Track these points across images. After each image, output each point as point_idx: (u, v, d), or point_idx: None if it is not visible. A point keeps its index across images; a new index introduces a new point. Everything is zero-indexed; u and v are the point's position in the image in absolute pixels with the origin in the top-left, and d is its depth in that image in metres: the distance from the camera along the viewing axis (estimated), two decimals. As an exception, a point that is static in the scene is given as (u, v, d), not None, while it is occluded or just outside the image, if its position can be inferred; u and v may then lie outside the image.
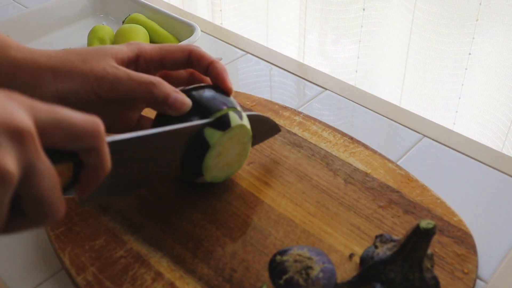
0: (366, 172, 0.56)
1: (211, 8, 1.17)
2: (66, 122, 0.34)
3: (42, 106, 0.33)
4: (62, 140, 0.34)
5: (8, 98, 0.32)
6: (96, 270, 0.47)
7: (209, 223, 0.51)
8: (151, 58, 0.52)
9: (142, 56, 0.51)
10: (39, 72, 0.47)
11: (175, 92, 0.48)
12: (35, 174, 0.32)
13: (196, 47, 0.53)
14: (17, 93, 0.33)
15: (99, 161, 0.37)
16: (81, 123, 0.35)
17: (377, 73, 1.02)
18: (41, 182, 0.32)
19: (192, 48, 0.52)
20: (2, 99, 0.32)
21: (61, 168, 0.36)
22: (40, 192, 0.32)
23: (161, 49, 0.52)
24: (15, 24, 0.83)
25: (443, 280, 0.46)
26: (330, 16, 0.96)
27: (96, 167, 0.37)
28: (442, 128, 0.65)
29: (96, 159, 0.37)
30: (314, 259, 0.46)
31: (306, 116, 0.65)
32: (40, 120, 0.33)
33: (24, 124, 0.31)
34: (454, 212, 0.52)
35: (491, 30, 0.82)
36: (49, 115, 0.33)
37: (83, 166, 0.37)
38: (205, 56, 0.52)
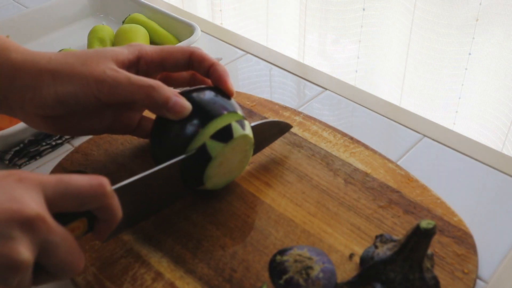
0: (366, 172, 0.56)
1: (211, 8, 1.17)
2: (73, 191, 0.37)
3: (50, 180, 0.36)
4: (73, 206, 0.38)
5: (16, 182, 0.35)
6: (96, 270, 0.47)
7: (209, 223, 0.51)
8: (152, 60, 0.51)
9: (143, 58, 0.51)
10: (39, 74, 0.47)
11: (175, 96, 0.48)
12: (51, 247, 0.35)
13: (197, 49, 0.52)
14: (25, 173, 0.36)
15: (109, 215, 0.40)
16: (87, 188, 0.37)
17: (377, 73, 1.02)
18: (57, 252, 0.36)
19: (192, 49, 0.52)
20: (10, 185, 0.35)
21: (76, 225, 0.40)
22: (58, 259, 0.36)
23: (162, 50, 0.52)
24: (15, 24, 0.83)
25: (443, 280, 0.46)
26: (330, 16, 0.96)
27: (107, 220, 0.41)
28: (442, 128, 0.65)
29: (106, 214, 0.40)
30: (314, 259, 0.46)
31: (306, 116, 0.65)
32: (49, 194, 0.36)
33: (33, 213, 0.34)
34: (454, 212, 0.52)
35: (491, 30, 0.82)
36: (57, 188, 0.36)
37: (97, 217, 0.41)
38: (206, 58, 0.52)
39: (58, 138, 0.64)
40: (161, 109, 0.48)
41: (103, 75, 0.47)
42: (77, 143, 0.64)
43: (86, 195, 0.38)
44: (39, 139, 0.63)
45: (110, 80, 0.47)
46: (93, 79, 0.47)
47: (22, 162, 0.62)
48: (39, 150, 0.63)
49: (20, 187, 0.35)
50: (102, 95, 0.47)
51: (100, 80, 0.47)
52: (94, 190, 0.38)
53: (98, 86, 0.47)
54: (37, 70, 0.47)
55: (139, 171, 0.47)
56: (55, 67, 0.47)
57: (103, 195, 0.39)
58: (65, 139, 0.65)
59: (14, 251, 0.33)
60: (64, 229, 0.37)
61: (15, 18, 0.83)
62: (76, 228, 0.40)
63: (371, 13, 0.94)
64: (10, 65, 0.47)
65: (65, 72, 0.47)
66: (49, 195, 0.36)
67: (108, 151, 0.60)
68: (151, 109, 0.49)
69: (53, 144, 0.64)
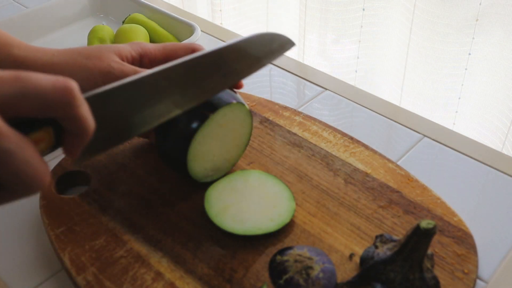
0: (366, 172, 0.56)
1: (211, 8, 1.17)
2: (33, 91, 0.31)
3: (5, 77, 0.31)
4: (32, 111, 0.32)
5: None
6: (96, 270, 0.47)
7: (209, 223, 0.51)
8: (155, 57, 0.52)
9: (146, 56, 0.51)
10: (42, 70, 0.47)
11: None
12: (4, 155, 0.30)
13: (199, 46, 0.53)
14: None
15: (78, 128, 0.34)
16: (50, 90, 0.31)
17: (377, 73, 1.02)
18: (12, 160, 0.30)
19: (194, 46, 0.52)
20: None
21: (39, 135, 0.33)
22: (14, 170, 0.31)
23: (164, 48, 0.52)
24: (15, 24, 0.83)
25: (443, 280, 0.46)
26: (330, 16, 0.96)
27: (77, 133, 0.34)
28: (442, 128, 0.65)
29: (75, 125, 0.33)
30: (314, 259, 0.46)
31: (306, 116, 0.65)
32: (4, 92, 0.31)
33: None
34: (454, 212, 0.52)
35: (491, 30, 0.82)
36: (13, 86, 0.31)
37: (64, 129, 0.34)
38: None
39: (58, 138, 0.64)
40: None
41: (109, 68, 0.47)
42: (77, 143, 0.64)
43: (48, 97, 0.31)
44: (39, 139, 0.63)
45: (116, 72, 0.47)
46: (98, 72, 0.47)
47: (22, 162, 0.61)
48: (39, 150, 0.62)
49: None
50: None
51: (106, 72, 0.47)
52: (58, 92, 0.32)
53: (103, 78, 0.47)
54: (40, 66, 0.47)
55: (139, 171, 0.47)
56: (58, 62, 0.47)
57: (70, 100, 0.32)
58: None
59: None
60: (21, 136, 0.31)
61: (15, 18, 0.83)
62: (40, 140, 0.33)
63: (371, 13, 0.94)
64: (12, 60, 0.47)
65: (68, 66, 0.47)
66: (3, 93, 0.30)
67: (108, 151, 0.60)
68: None
69: (53, 144, 0.63)
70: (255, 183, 0.53)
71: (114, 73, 0.47)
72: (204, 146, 0.51)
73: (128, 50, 0.50)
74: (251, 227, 0.49)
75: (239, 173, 0.54)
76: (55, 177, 0.56)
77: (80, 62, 0.47)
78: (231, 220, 0.50)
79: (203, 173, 0.53)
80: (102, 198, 0.54)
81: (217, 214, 0.50)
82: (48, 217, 0.52)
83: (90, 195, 0.54)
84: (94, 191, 0.55)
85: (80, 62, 0.47)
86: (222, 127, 0.52)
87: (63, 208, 0.53)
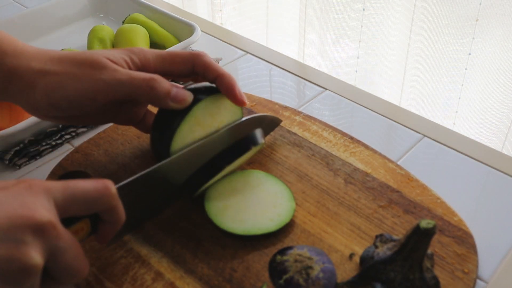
0: (366, 172, 0.56)
1: (211, 8, 1.17)
2: (80, 195, 0.38)
3: (57, 186, 0.37)
4: (81, 210, 0.39)
5: (26, 189, 0.36)
6: (96, 270, 0.47)
7: (209, 223, 0.51)
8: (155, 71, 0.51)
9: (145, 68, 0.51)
10: (33, 79, 0.47)
11: (175, 87, 0.49)
12: (59, 253, 0.36)
13: (199, 56, 0.51)
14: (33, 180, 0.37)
15: (114, 217, 0.41)
16: (93, 191, 0.39)
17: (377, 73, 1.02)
18: (64, 257, 0.37)
19: (194, 58, 0.51)
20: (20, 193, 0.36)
21: (80, 226, 0.40)
22: (65, 264, 0.37)
23: (163, 60, 0.51)
24: (15, 24, 0.83)
25: (443, 280, 0.46)
26: (330, 16, 0.96)
27: (112, 221, 0.42)
28: (442, 128, 0.65)
29: (111, 216, 0.41)
30: (314, 259, 0.46)
31: (306, 116, 0.65)
32: (58, 200, 0.37)
33: (44, 219, 0.35)
34: (454, 212, 0.52)
35: (491, 30, 0.82)
36: (65, 193, 0.37)
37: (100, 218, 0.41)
38: (210, 67, 0.51)
39: (58, 138, 0.64)
40: (165, 99, 0.48)
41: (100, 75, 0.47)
42: (77, 143, 0.64)
43: (92, 198, 0.39)
44: (39, 139, 0.63)
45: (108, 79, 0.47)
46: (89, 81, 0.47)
47: (22, 162, 0.62)
48: (39, 150, 0.63)
49: (30, 194, 0.36)
50: (100, 96, 0.47)
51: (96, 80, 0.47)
52: (100, 193, 0.39)
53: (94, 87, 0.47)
54: (31, 75, 0.47)
55: (139, 171, 0.47)
56: (49, 70, 0.47)
57: (109, 197, 0.40)
58: (65, 139, 0.64)
59: (27, 255, 0.34)
60: (71, 235, 0.37)
61: (15, 18, 0.83)
62: (80, 230, 0.40)
63: (371, 13, 0.94)
64: (5, 70, 0.48)
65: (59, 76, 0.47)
66: (58, 201, 0.37)
67: (108, 151, 0.60)
68: (154, 101, 0.49)
69: (53, 144, 0.64)
70: (255, 183, 0.53)
71: (105, 81, 0.47)
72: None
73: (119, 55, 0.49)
74: (251, 227, 0.49)
75: (239, 173, 0.54)
76: (55, 177, 0.56)
77: (71, 71, 0.47)
78: (231, 220, 0.50)
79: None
80: (102, 198, 0.54)
81: (217, 214, 0.50)
82: (48, 217, 0.52)
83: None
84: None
85: (71, 72, 0.47)
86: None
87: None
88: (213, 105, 0.52)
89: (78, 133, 0.65)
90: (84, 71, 0.47)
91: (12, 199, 0.35)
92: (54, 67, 0.48)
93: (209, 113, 0.52)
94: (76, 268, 0.37)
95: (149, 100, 0.49)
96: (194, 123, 0.51)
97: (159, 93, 0.48)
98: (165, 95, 0.48)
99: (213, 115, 0.52)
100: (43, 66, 0.48)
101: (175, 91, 0.48)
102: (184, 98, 0.49)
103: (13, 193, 0.36)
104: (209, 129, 0.52)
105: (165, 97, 0.48)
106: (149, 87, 0.47)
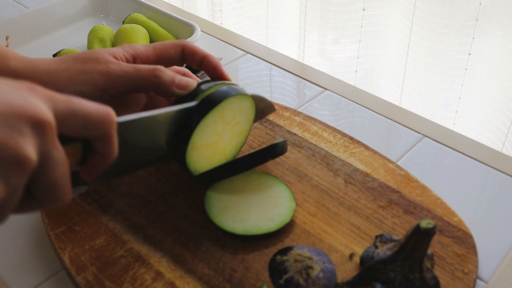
0: (366, 172, 0.56)
1: (211, 8, 1.17)
2: (82, 113, 0.36)
3: (60, 97, 0.36)
4: (78, 129, 0.37)
5: (29, 90, 0.34)
6: (96, 270, 0.47)
7: (209, 223, 0.51)
8: (148, 58, 0.53)
9: (139, 58, 0.53)
10: (41, 79, 0.48)
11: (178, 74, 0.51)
12: (50, 162, 0.34)
13: (188, 42, 0.54)
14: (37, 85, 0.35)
15: (108, 148, 0.39)
16: (95, 113, 0.37)
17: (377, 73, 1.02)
18: (54, 170, 0.34)
19: (184, 44, 0.54)
20: (24, 91, 0.34)
21: (71, 149, 0.38)
22: (52, 179, 0.34)
23: (155, 48, 0.53)
24: (15, 24, 0.83)
25: (443, 280, 0.46)
26: (330, 16, 0.96)
27: (105, 153, 0.39)
28: (442, 128, 0.65)
29: (106, 146, 0.39)
30: (314, 259, 0.46)
31: (306, 116, 0.65)
32: (59, 111, 0.35)
33: (45, 116, 0.33)
34: (454, 212, 0.52)
35: (491, 30, 0.82)
36: (66, 106, 0.36)
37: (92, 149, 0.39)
38: (198, 51, 0.54)
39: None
40: (171, 86, 0.50)
41: (108, 68, 0.48)
42: (77, 143, 0.64)
43: (93, 118, 0.37)
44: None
45: (117, 71, 0.48)
46: (98, 73, 0.48)
47: (22, 162, 0.61)
48: (39, 150, 0.63)
49: (32, 94, 0.34)
50: (110, 87, 0.48)
51: (105, 72, 0.48)
52: (101, 116, 0.38)
53: (104, 79, 0.48)
54: (38, 75, 0.48)
55: (139, 171, 0.47)
56: (56, 69, 0.48)
57: (109, 123, 0.38)
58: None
59: (22, 146, 0.32)
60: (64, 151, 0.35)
61: (15, 18, 0.83)
62: (70, 154, 0.38)
63: (371, 13, 0.94)
64: (10, 72, 0.48)
65: (67, 72, 0.48)
66: (58, 111, 0.35)
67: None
68: (160, 90, 0.50)
69: (53, 144, 0.63)
70: (255, 183, 0.53)
71: (114, 72, 0.48)
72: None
73: (120, 52, 0.51)
74: (251, 227, 0.49)
75: (239, 173, 0.54)
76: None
77: (78, 67, 0.48)
78: (231, 220, 0.50)
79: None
80: (102, 198, 0.54)
81: (217, 214, 0.50)
82: (48, 216, 0.52)
83: (90, 195, 0.54)
84: (94, 191, 0.55)
85: (78, 67, 0.48)
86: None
87: (63, 208, 0.53)
88: (238, 103, 0.52)
89: (78, 133, 0.65)
90: (92, 65, 0.48)
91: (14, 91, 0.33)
92: (61, 66, 0.49)
93: (232, 110, 0.52)
94: (60, 188, 0.35)
95: (155, 89, 0.50)
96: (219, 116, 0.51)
97: (165, 81, 0.49)
98: (170, 83, 0.50)
99: (234, 113, 0.53)
100: (48, 67, 0.49)
101: (179, 78, 0.50)
102: (188, 84, 0.51)
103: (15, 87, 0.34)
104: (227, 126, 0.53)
105: (171, 84, 0.50)
106: (154, 76, 0.49)
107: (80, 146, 0.39)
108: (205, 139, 0.51)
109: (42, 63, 0.49)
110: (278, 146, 0.54)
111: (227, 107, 0.51)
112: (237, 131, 0.55)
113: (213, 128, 0.51)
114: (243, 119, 0.55)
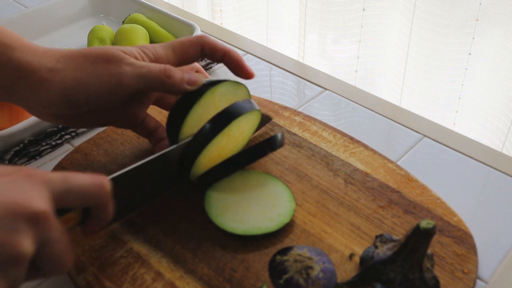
0: (366, 172, 0.56)
1: (211, 8, 1.17)
2: (77, 188, 0.39)
3: (55, 177, 0.38)
4: (75, 202, 0.40)
5: (24, 177, 0.36)
6: (96, 270, 0.47)
7: (209, 223, 0.51)
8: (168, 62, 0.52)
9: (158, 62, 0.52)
10: (46, 78, 0.47)
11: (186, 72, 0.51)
12: (49, 242, 0.36)
13: (207, 38, 0.53)
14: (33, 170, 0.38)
15: (104, 213, 0.43)
16: (90, 185, 0.40)
17: (377, 73, 1.02)
18: (54, 248, 0.37)
19: (203, 41, 0.53)
20: (19, 181, 0.36)
21: (71, 215, 0.41)
22: (53, 255, 0.37)
23: (174, 51, 0.52)
24: (15, 24, 0.83)
25: (443, 280, 0.46)
26: (330, 16, 0.96)
27: (101, 216, 0.43)
28: (442, 128, 0.65)
29: (102, 211, 0.42)
30: (314, 259, 0.46)
31: (306, 116, 0.65)
32: (56, 191, 0.38)
33: (40, 208, 0.35)
34: (454, 212, 0.52)
35: (491, 31, 0.82)
36: (63, 184, 0.38)
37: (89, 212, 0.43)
38: (218, 47, 0.53)
39: (58, 138, 0.64)
40: (181, 84, 0.50)
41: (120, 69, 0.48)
42: (77, 143, 0.64)
43: (88, 193, 0.40)
44: (39, 139, 0.63)
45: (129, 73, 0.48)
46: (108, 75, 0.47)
47: (22, 162, 0.62)
48: (39, 150, 0.63)
49: (28, 182, 0.36)
50: (119, 90, 0.48)
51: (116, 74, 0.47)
52: (96, 188, 0.40)
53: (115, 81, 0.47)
54: (44, 72, 0.47)
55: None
56: (64, 68, 0.47)
57: (103, 195, 0.41)
58: (65, 139, 0.65)
59: (18, 243, 0.34)
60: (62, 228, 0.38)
61: (15, 18, 0.83)
62: (70, 220, 0.41)
63: (371, 13, 0.94)
64: (14, 65, 0.47)
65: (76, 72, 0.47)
66: (55, 192, 0.37)
67: (108, 151, 0.60)
68: (170, 89, 0.50)
69: (53, 144, 0.64)
70: (255, 183, 0.53)
71: (126, 74, 0.48)
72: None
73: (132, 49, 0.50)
74: (251, 227, 0.49)
75: (239, 173, 0.54)
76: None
77: (88, 67, 0.47)
78: (231, 220, 0.50)
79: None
80: (102, 198, 0.54)
81: (217, 214, 0.50)
82: (48, 217, 0.52)
83: (90, 195, 0.54)
84: (94, 191, 0.55)
85: (88, 68, 0.47)
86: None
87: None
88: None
89: (78, 133, 0.65)
90: (103, 66, 0.48)
91: (9, 185, 0.35)
92: (69, 64, 0.48)
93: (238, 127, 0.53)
94: (62, 261, 0.38)
95: (166, 88, 0.50)
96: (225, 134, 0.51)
97: (176, 79, 0.50)
98: (181, 81, 0.50)
99: (240, 127, 0.53)
100: (55, 64, 0.47)
101: (188, 75, 0.51)
102: (197, 79, 0.51)
103: (11, 180, 0.36)
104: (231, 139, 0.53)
105: (181, 82, 0.50)
106: (166, 76, 0.49)
107: (79, 212, 0.42)
108: (209, 155, 0.52)
109: (50, 60, 0.48)
110: (277, 138, 0.53)
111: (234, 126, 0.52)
112: (240, 139, 0.55)
113: (218, 143, 0.52)
114: (247, 129, 0.55)
